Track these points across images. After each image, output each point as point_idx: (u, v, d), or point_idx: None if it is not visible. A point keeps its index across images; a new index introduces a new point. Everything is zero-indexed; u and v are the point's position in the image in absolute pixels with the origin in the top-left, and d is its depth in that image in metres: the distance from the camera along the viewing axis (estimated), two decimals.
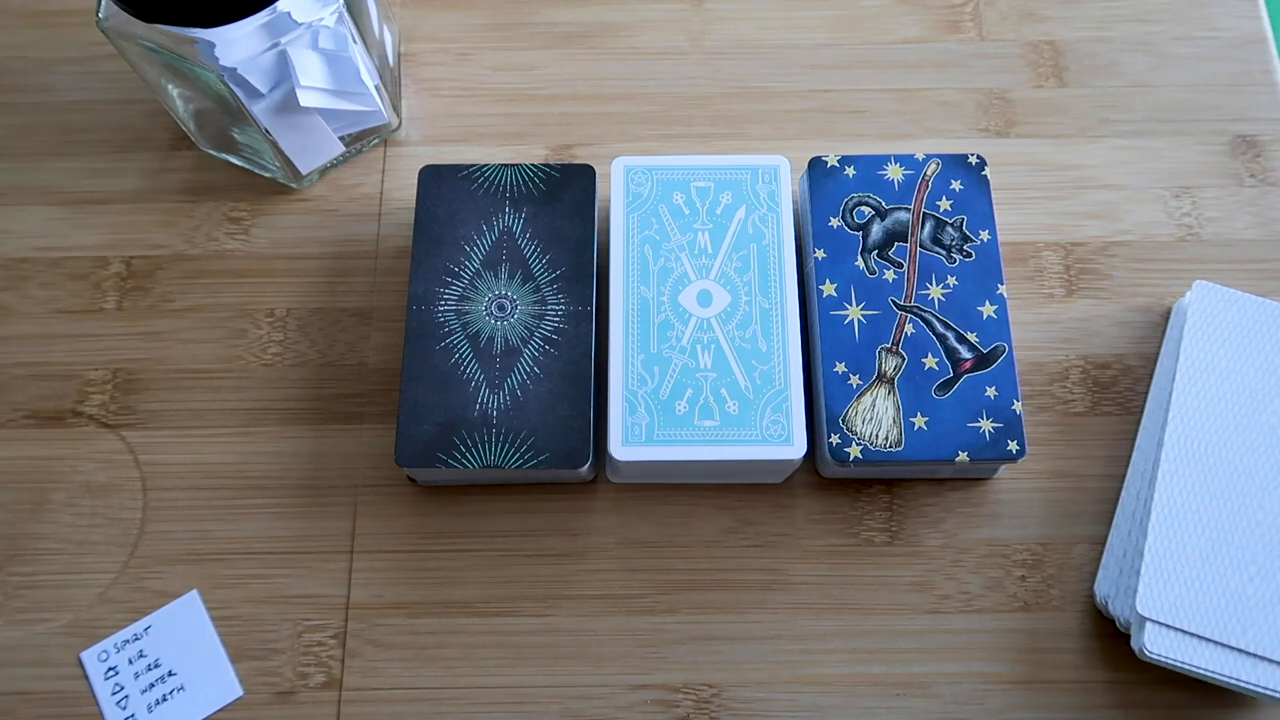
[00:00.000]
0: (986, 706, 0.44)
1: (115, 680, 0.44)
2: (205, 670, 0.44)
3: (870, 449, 0.44)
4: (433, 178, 0.49)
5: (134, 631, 0.44)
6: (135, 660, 0.44)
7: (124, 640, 0.44)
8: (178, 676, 0.44)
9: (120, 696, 0.43)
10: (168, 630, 0.45)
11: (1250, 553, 0.43)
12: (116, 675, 0.44)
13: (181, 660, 0.44)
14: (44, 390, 0.49)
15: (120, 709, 0.43)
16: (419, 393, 0.45)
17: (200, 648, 0.44)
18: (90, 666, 0.44)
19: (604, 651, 0.45)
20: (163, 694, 0.43)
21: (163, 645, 0.44)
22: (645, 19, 0.57)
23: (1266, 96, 0.55)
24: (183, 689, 0.44)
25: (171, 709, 0.43)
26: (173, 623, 0.45)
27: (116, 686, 0.43)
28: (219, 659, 0.44)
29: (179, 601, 0.45)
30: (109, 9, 0.45)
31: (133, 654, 0.44)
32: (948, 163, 0.48)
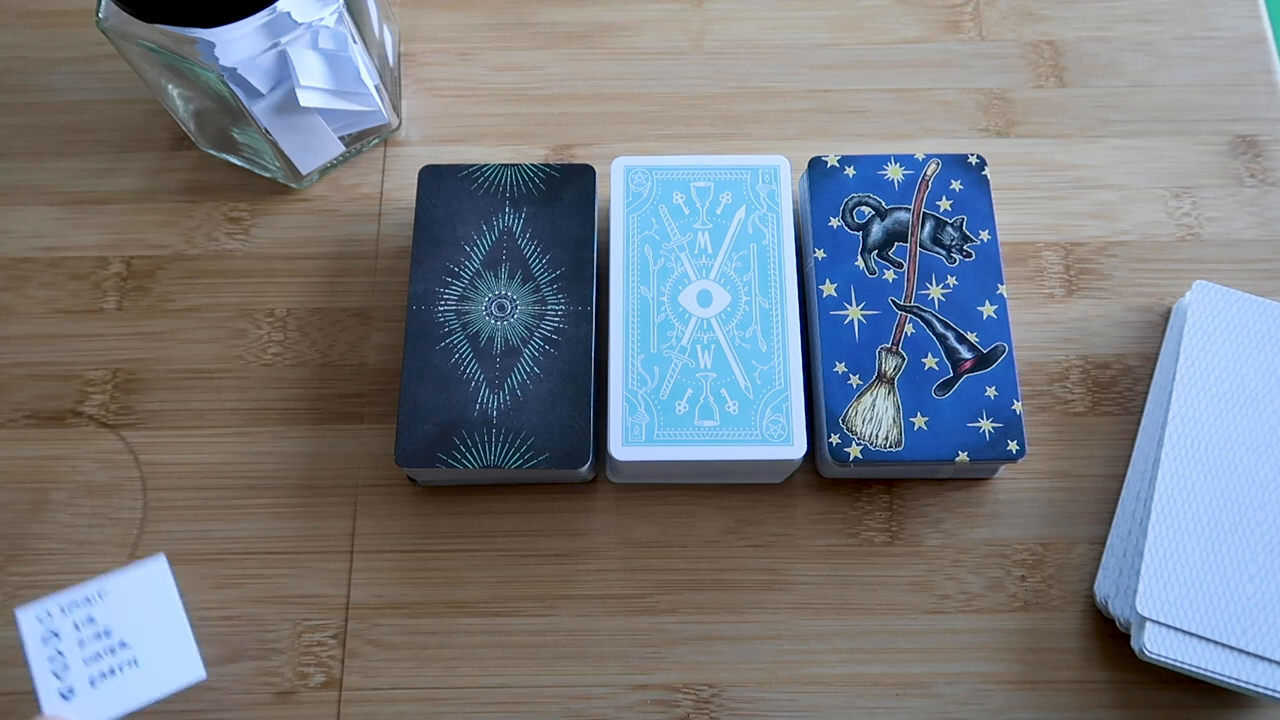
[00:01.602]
0: (986, 706, 0.44)
1: (55, 645, 0.37)
2: (164, 645, 0.39)
3: (870, 449, 0.44)
4: (433, 178, 0.49)
5: (85, 594, 0.38)
6: (82, 626, 0.38)
7: (72, 603, 0.38)
8: (130, 650, 0.38)
9: (59, 665, 0.37)
10: (126, 597, 0.39)
11: (1250, 553, 0.43)
12: (57, 640, 0.38)
13: (137, 632, 0.38)
14: (44, 390, 0.49)
15: (55, 679, 0.37)
16: (419, 393, 0.45)
17: (161, 620, 0.39)
18: (26, 626, 0.38)
19: (604, 651, 0.45)
20: (111, 666, 0.38)
21: (117, 613, 0.38)
22: (645, 19, 0.57)
23: (1266, 96, 0.55)
24: (135, 664, 0.38)
25: (119, 684, 0.38)
26: (133, 589, 0.39)
27: (55, 653, 0.37)
28: (181, 634, 0.39)
29: (143, 565, 0.39)
30: (109, 9, 0.45)
31: (80, 619, 0.38)
32: (948, 163, 0.48)
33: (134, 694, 0.38)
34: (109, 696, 0.37)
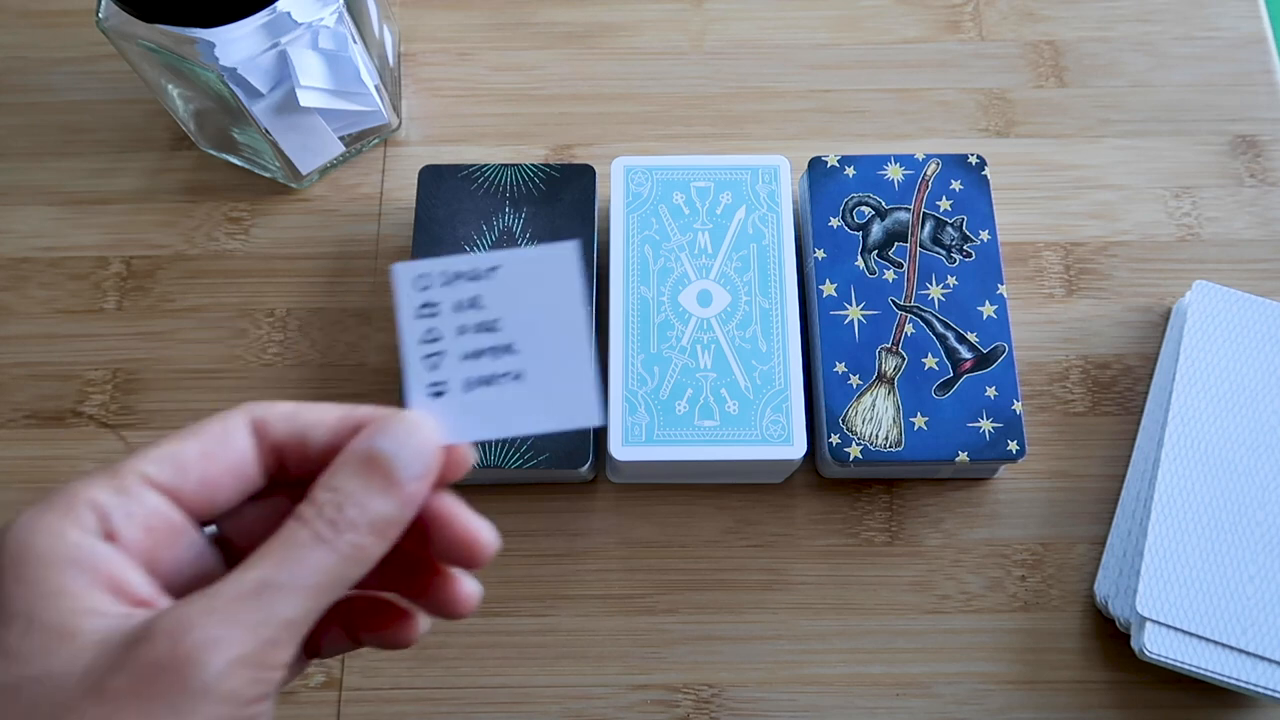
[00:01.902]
0: (986, 706, 0.44)
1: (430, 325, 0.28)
2: (558, 364, 0.28)
3: (870, 449, 0.44)
4: (433, 178, 0.49)
5: (475, 266, 0.28)
6: (465, 309, 0.28)
7: (458, 273, 0.28)
8: (518, 357, 0.28)
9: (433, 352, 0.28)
10: (520, 288, 0.28)
11: (1250, 553, 0.43)
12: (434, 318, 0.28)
13: (529, 337, 0.28)
14: (44, 390, 0.49)
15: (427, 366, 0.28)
16: None
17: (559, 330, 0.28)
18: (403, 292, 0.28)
19: (604, 651, 0.45)
20: (491, 372, 0.28)
21: (507, 303, 0.28)
22: (645, 19, 0.57)
23: (1266, 96, 0.55)
24: (520, 378, 0.28)
25: (496, 397, 0.28)
26: (531, 279, 0.28)
27: (429, 335, 0.28)
28: (580, 356, 0.28)
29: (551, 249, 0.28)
30: (109, 9, 0.45)
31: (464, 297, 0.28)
32: (948, 163, 0.48)
33: (512, 417, 0.28)
34: (482, 410, 0.28)
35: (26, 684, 0.22)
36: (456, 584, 0.29)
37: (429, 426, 0.27)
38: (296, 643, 0.24)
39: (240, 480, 0.27)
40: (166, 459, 0.26)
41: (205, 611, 0.23)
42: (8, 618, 0.23)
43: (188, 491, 0.26)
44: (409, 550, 0.28)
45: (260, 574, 0.24)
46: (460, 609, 0.29)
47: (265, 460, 0.27)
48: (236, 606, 0.23)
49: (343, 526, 0.25)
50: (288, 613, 0.24)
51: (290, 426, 0.27)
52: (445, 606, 0.29)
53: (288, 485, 0.28)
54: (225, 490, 0.26)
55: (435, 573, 0.29)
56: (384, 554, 0.26)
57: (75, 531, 0.24)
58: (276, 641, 0.23)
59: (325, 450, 0.27)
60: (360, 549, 0.25)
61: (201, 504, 0.26)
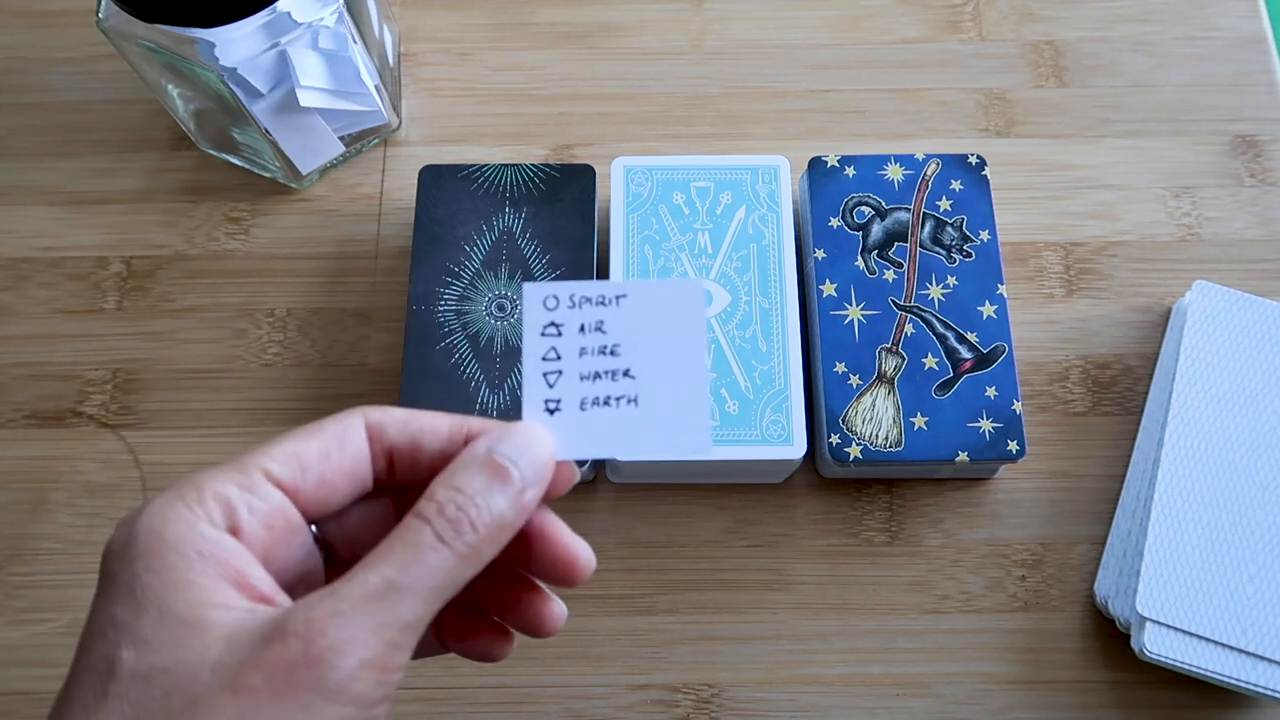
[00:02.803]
0: (986, 706, 0.44)
1: (554, 344, 0.29)
2: (674, 393, 0.29)
3: (870, 449, 0.44)
4: (433, 178, 0.49)
5: (603, 293, 0.29)
6: (589, 330, 0.29)
7: (585, 297, 0.29)
8: (635, 382, 0.29)
9: (553, 369, 0.29)
10: (646, 314, 0.29)
11: (1250, 553, 0.43)
12: (558, 337, 0.29)
13: (648, 363, 0.29)
14: (44, 390, 0.49)
15: (545, 383, 0.29)
16: (419, 393, 0.45)
17: (678, 360, 0.29)
18: (531, 309, 0.29)
19: (604, 651, 0.45)
20: (608, 394, 0.29)
21: (632, 330, 0.29)
22: (645, 19, 0.57)
23: (1266, 96, 0.55)
24: (634, 402, 0.29)
25: (610, 419, 0.29)
26: (657, 307, 0.29)
27: (553, 353, 0.29)
28: (697, 385, 0.29)
29: (678, 283, 0.30)
30: (109, 9, 0.45)
31: (589, 320, 0.29)
32: (948, 163, 0.48)
33: (624, 439, 0.29)
34: (595, 430, 0.29)
35: (158, 674, 0.23)
36: (548, 603, 0.30)
37: (546, 438, 0.28)
38: (413, 645, 0.25)
39: (355, 482, 0.27)
40: (289, 457, 0.26)
41: (333, 614, 0.23)
42: (140, 606, 0.23)
43: (306, 490, 0.26)
44: (506, 563, 0.28)
45: (384, 575, 0.24)
46: (548, 627, 0.30)
47: (377, 464, 0.28)
48: (363, 609, 0.24)
49: (463, 527, 0.25)
50: (409, 615, 0.24)
51: (405, 431, 0.28)
52: (533, 623, 0.30)
53: (391, 491, 0.29)
54: (340, 491, 0.27)
55: (528, 589, 0.30)
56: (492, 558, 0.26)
57: (204, 524, 0.24)
58: (398, 644, 0.24)
59: (436, 457, 0.28)
60: (476, 550, 0.25)
61: (317, 503, 0.27)
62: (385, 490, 0.29)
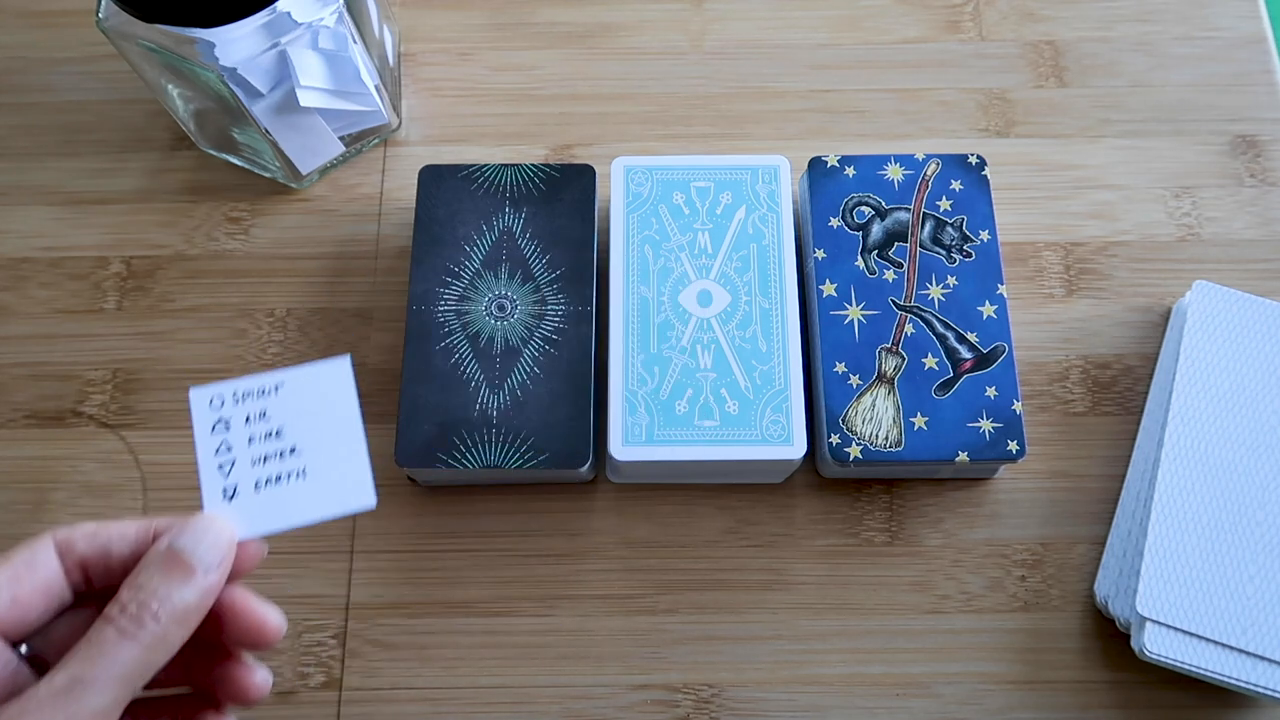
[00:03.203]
0: (986, 706, 0.44)
1: (224, 438, 0.32)
2: (337, 459, 0.33)
3: (870, 449, 0.44)
4: (433, 178, 0.49)
5: (261, 384, 0.33)
6: (254, 420, 0.33)
7: (246, 392, 0.33)
8: (300, 458, 0.32)
9: (226, 459, 0.32)
10: (302, 398, 0.33)
11: (1250, 553, 0.43)
12: (226, 431, 0.32)
13: (310, 439, 0.33)
14: (44, 390, 0.49)
15: (220, 474, 0.32)
16: (419, 393, 0.45)
17: (336, 430, 0.33)
18: (198, 410, 0.32)
19: (604, 651, 0.45)
20: (278, 473, 0.32)
21: (291, 413, 0.33)
22: (645, 19, 0.57)
23: (1266, 96, 0.55)
24: (303, 475, 0.32)
25: (283, 495, 0.32)
26: (311, 389, 0.33)
27: (224, 446, 0.32)
28: (356, 450, 0.33)
29: (325, 363, 0.33)
30: (109, 9, 0.45)
31: (253, 412, 0.33)
32: (948, 163, 0.48)
33: (297, 509, 0.32)
34: (271, 507, 0.32)
35: None
36: (249, 671, 0.32)
37: (224, 523, 0.31)
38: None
39: (50, 599, 0.29)
40: None
41: (20, 713, 0.25)
42: None
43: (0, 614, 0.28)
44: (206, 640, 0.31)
45: (70, 673, 0.26)
46: (251, 694, 0.32)
47: (72, 577, 0.30)
48: (49, 704, 0.26)
49: (145, 619, 0.28)
50: (96, 703, 0.26)
51: (94, 543, 0.30)
52: (239, 692, 0.32)
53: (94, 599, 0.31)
54: (35, 609, 0.29)
55: (230, 659, 0.32)
56: (184, 640, 0.29)
57: None
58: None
59: (128, 560, 0.30)
60: (161, 638, 0.28)
61: (14, 623, 0.29)
62: (90, 599, 0.31)
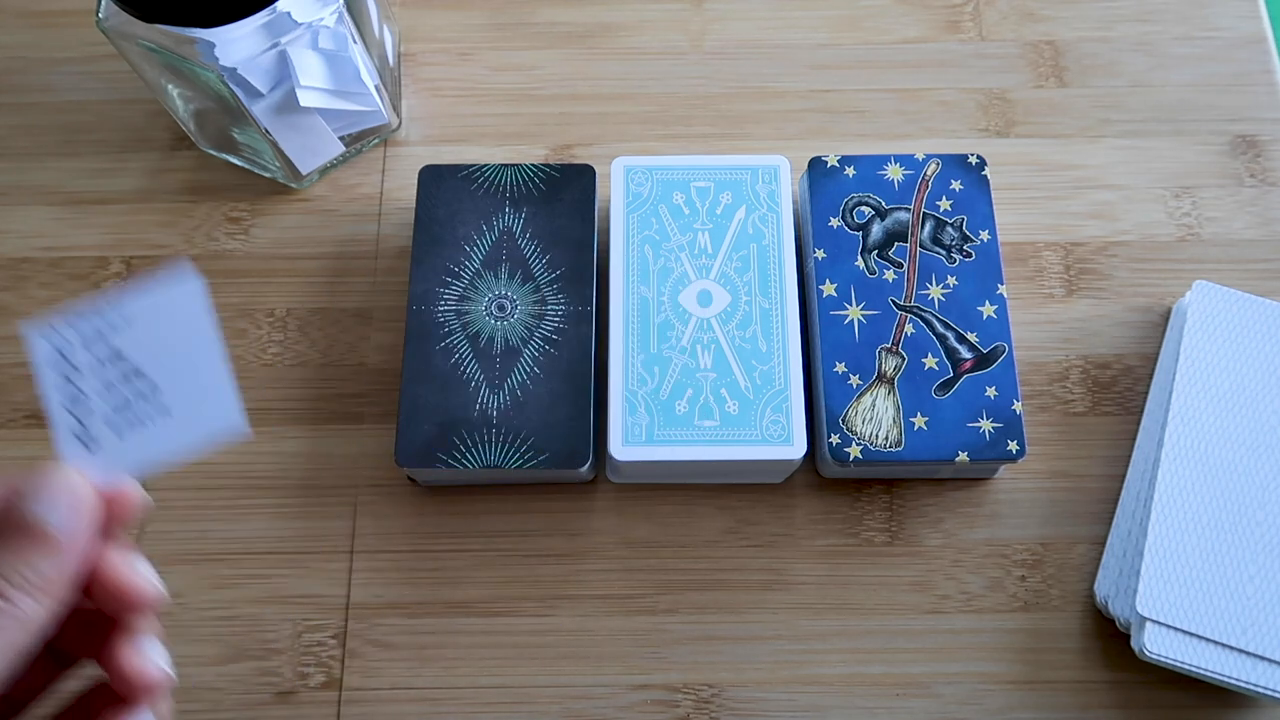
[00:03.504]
0: (986, 706, 0.44)
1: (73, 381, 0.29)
2: (199, 390, 0.30)
3: (870, 449, 0.44)
4: (433, 178, 0.49)
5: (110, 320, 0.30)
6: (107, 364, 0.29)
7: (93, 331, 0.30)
8: (162, 392, 0.30)
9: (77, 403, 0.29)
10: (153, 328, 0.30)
11: (1250, 553, 0.43)
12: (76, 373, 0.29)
13: (168, 373, 0.30)
14: None
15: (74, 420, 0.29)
16: (419, 393, 0.45)
17: (196, 358, 0.30)
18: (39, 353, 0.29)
19: (604, 651, 0.45)
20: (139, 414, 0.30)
21: (144, 345, 0.30)
22: (645, 19, 0.57)
23: (1266, 96, 0.55)
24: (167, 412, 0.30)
25: (148, 434, 0.29)
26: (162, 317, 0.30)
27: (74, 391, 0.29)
28: (218, 376, 0.30)
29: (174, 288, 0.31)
30: (109, 9, 0.45)
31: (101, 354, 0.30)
32: (948, 163, 0.48)
33: (164, 447, 0.30)
34: (136, 450, 0.30)
35: None
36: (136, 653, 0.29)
37: (80, 479, 0.28)
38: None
39: None
40: None
41: None
42: None
43: None
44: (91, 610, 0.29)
45: None
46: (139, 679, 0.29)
47: None
48: None
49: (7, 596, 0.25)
50: None
51: None
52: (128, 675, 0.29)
53: None
54: None
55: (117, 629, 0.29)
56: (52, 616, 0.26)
57: None
58: None
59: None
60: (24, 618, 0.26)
61: None
62: None
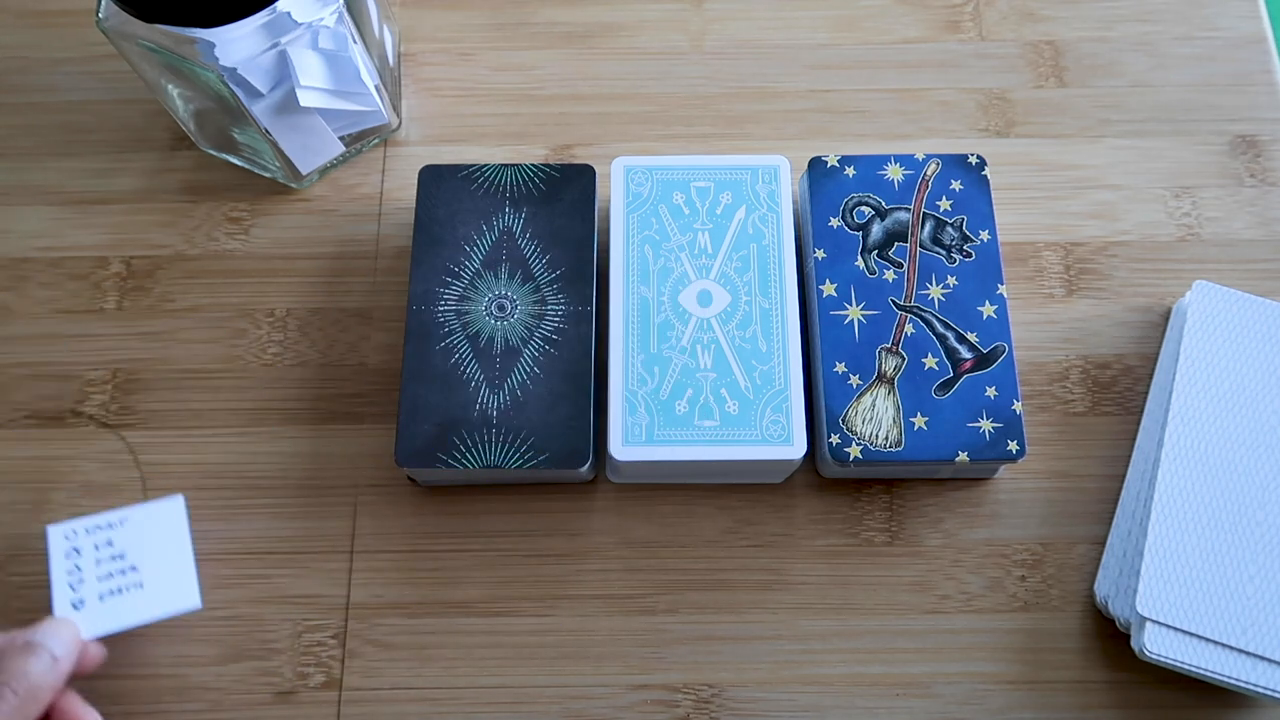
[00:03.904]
0: (986, 706, 0.44)
1: (75, 561, 0.42)
2: (169, 574, 0.43)
3: (870, 449, 0.44)
4: (433, 178, 0.49)
5: (109, 520, 0.43)
6: (101, 548, 0.43)
7: (96, 525, 0.43)
8: (139, 573, 0.42)
9: (75, 578, 0.42)
10: (143, 528, 0.43)
11: (1250, 553, 0.43)
12: (78, 556, 0.42)
13: (148, 559, 0.43)
14: (44, 390, 0.49)
15: (71, 590, 0.42)
16: (419, 393, 0.45)
17: (170, 551, 0.43)
18: (54, 542, 0.42)
19: (604, 651, 0.45)
20: (119, 586, 0.42)
21: (133, 540, 0.43)
22: (645, 19, 0.57)
23: (1266, 96, 0.55)
24: (141, 586, 0.42)
25: (123, 603, 0.42)
26: (150, 521, 0.43)
27: (74, 568, 0.42)
28: (186, 566, 0.43)
29: (162, 502, 0.44)
30: (109, 9, 0.45)
31: (100, 541, 0.43)
32: (948, 163, 0.48)
33: (134, 612, 0.42)
34: (113, 612, 0.42)
35: None
36: None
37: (70, 624, 0.41)
38: None
39: None
40: None
41: None
42: None
43: None
44: None
45: None
46: None
47: None
48: None
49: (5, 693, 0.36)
50: None
51: None
52: None
53: None
54: None
55: None
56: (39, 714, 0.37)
57: None
58: None
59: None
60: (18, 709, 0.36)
61: None
62: None
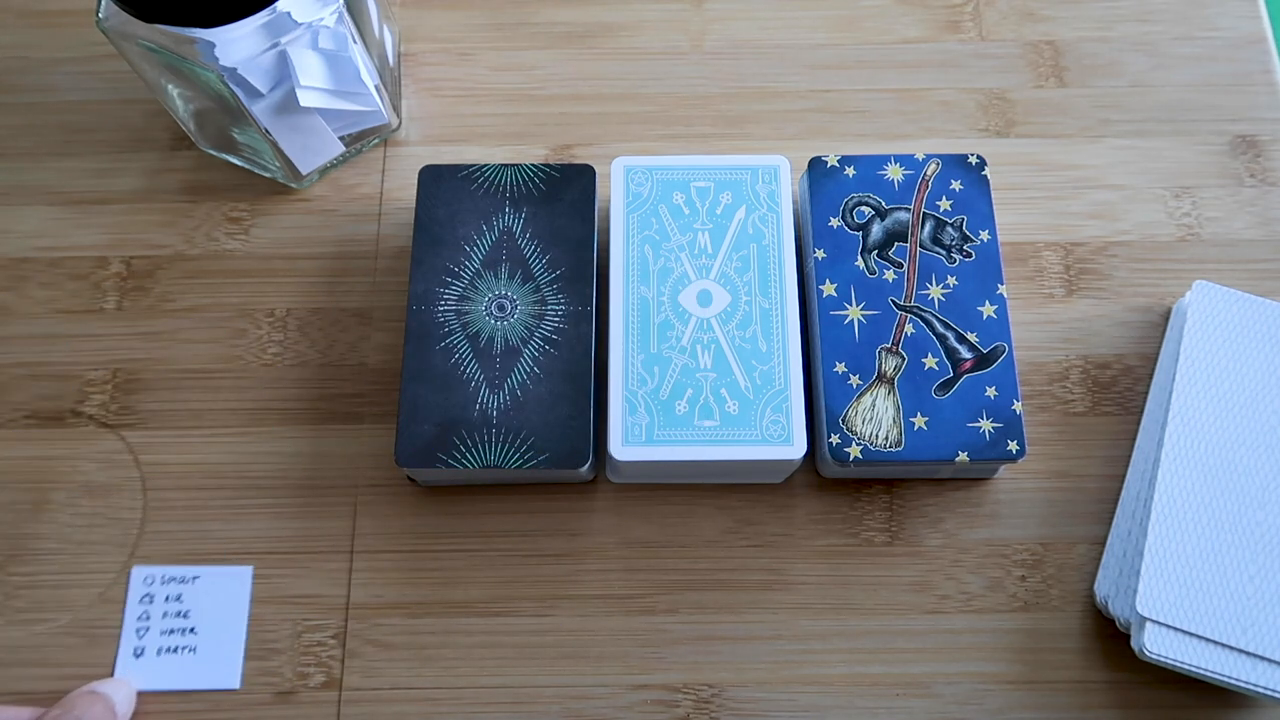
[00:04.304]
0: (986, 706, 0.44)
1: (147, 608, 0.44)
2: (221, 646, 0.44)
3: (870, 449, 0.44)
4: (433, 178, 0.49)
5: (183, 574, 0.45)
6: (171, 600, 0.44)
7: (171, 576, 0.45)
8: (196, 636, 0.44)
9: (143, 626, 0.44)
10: (211, 590, 0.45)
11: (1250, 553, 0.43)
12: (150, 604, 0.44)
13: (207, 623, 0.44)
14: (44, 390, 0.49)
15: (137, 636, 0.44)
16: (419, 393, 0.45)
17: (228, 622, 0.44)
18: (135, 584, 0.44)
19: (604, 651, 0.45)
20: (176, 645, 0.44)
21: (199, 601, 0.44)
22: (645, 19, 0.57)
23: (1266, 96, 0.55)
24: (194, 651, 0.44)
25: (175, 664, 0.43)
26: (218, 585, 0.45)
27: (144, 614, 0.44)
28: (237, 643, 0.44)
29: (232, 569, 0.45)
30: (109, 9, 0.45)
31: (172, 593, 0.44)
32: (948, 163, 0.48)
33: (182, 677, 0.44)
34: (164, 670, 0.44)
35: None
36: None
37: (130, 686, 0.43)
38: None
39: None
40: None
41: None
42: None
43: None
44: None
45: None
46: None
47: None
48: None
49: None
50: None
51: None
52: None
53: None
54: None
55: None
56: None
57: None
58: None
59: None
60: None
61: None
62: None
